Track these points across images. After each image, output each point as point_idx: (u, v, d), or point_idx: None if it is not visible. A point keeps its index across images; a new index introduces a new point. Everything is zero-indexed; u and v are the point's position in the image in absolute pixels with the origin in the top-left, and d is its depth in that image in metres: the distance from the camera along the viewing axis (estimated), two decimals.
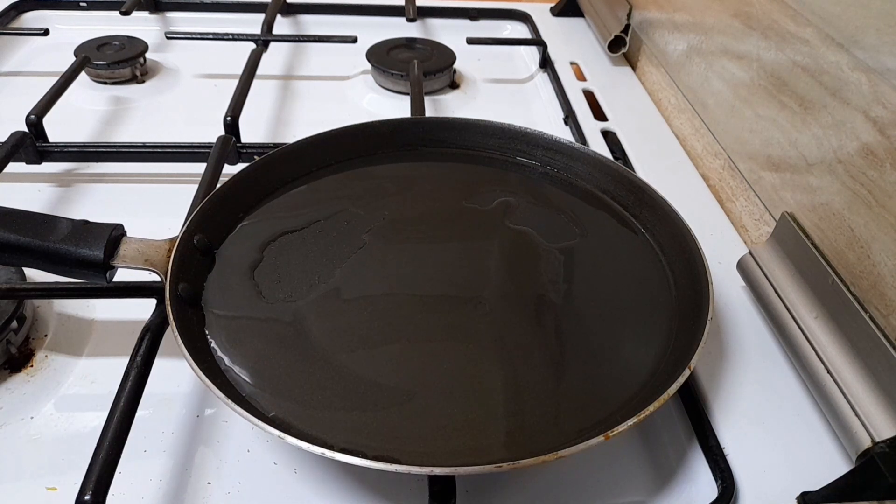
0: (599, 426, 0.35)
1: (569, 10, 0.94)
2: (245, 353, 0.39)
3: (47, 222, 0.40)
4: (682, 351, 0.39)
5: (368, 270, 0.45)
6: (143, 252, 0.41)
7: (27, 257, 0.40)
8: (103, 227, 0.41)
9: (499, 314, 0.43)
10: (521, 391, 0.38)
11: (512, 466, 0.31)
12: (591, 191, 0.54)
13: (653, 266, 0.47)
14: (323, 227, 0.49)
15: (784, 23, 0.52)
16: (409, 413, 0.37)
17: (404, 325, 0.42)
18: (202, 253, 0.44)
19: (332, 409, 0.37)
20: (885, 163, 0.41)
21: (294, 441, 0.32)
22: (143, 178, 0.59)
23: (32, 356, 0.43)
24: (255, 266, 0.45)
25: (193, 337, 0.39)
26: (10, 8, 0.82)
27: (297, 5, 0.89)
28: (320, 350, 0.40)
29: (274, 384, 0.38)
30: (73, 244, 0.39)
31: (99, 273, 0.40)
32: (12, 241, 0.39)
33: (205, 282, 0.43)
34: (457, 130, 0.57)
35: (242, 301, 0.42)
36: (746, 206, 0.57)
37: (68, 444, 0.38)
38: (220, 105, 0.61)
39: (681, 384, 0.35)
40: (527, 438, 0.36)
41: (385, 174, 0.55)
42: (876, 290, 0.41)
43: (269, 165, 0.51)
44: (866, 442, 0.37)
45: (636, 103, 0.76)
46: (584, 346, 0.41)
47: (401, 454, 0.34)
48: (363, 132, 0.56)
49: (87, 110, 0.69)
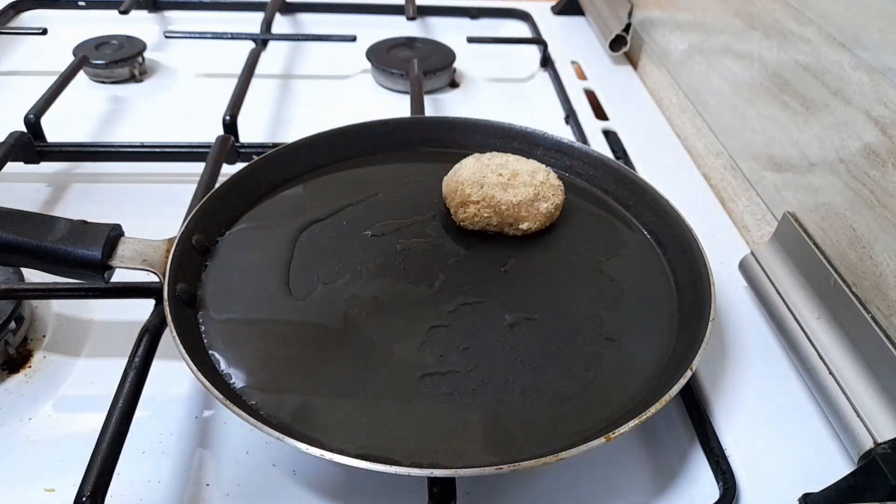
0: (600, 428, 0.35)
1: (569, 8, 0.94)
2: (243, 353, 0.39)
3: (45, 222, 0.40)
4: (684, 352, 0.39)
5: (368, 270, 0.45)
6: (141, 252, 0.41)
7: (25, 257, 0.40)
8: (101, 228, 0.40)
9: (500, 314, 0.42)
10: (522, 392, 0.38)
11: (512, 468, 0.31)
12: (592, 191, 0.53)
13: (654, 267, 0.47)
14: (322, 226, 0.49)
15: (786, 22, 0.52)
16: (409, 415, 0.36)
17: (405, 324, 0.42)
18: (200, 253, 0.44)
19: (332, 410, 0.36)
20: (887, 163, 0.40)
21: (293, 443, 0.32)
22: (141, 178, 0.59)
23: (31, 357, 0.43)
24: (253, 266, 0.45)
25: (191, 337, 0.39)
26: (9, 7, 0.81)
27: (297, 4, 0.89)
28: (320, 351, 0.40)
29: (272, 385, 0.37)
30: (70, 244, 0.39)
31: (97, 273, 0.40)
32: (10, 241, 0.39)
33: (202, 282, 0.43)
34: (458, 130, 0.57)
35: (240, 301, 0.42)
36: (748, 206, 0.57)
37: (67, 445, 0.38)
38: (219, 104, 0.61)
39: (682, 386, 0.35)
40: (528, 440, 0.35)
41: (384, 174, 0.55)
42: (878, 291, 0.40)
43: (267, 166, 0.51)
44: (868, 443, 0.37)
45: (637, 102, 0.76)
46: (584, 347, 0.41)
47: (401, 456, 0.34)
48: (362, 132, 0.56)
49: (85, 110, 0.68)
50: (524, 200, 0.47)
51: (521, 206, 0.47)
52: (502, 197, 0.47)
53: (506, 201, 0.47)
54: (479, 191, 0.47)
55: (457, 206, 0.48)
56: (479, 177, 0.48)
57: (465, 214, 0.48)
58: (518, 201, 0.47)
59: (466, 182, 0.48)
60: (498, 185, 0.47)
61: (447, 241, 0.48)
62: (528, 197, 0.47)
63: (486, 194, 0.47)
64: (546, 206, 0.48)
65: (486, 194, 0.47)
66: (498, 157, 0.50)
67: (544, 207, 0.48)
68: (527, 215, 0.47)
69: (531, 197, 0.47)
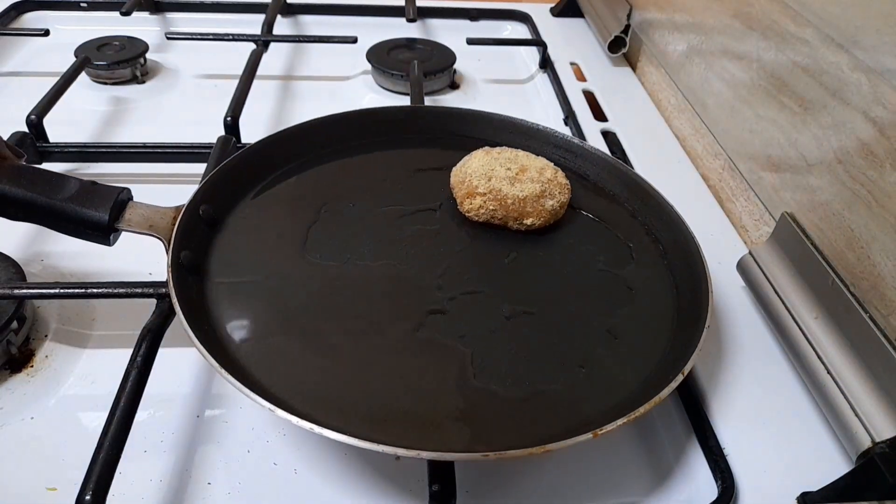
0: (592, 424, 0.35)
1: (569, 10, 0.94)
2: (243, 322, 0.39)
3: (55, 180, 0.40)
4: (679, 354, 0.39)
5: (371, 253, 0.46)
6: (148, 218, 0.41)
7: (33, 214, 0.40)
8: (111, 190, 0.41)
9: (498, 305, 0.43)
10: (515, 383, 0.38)
11: (498, 456, 0.32)
12: (599, 192, 0.54)
13: (655, 269, 0.47)
14: (329, 208, 0.49)
15: (784, 23, 0.52)
16: (405, 404, 0.37)
17: (403, 308, 0.42)
18: (207, 223, 0.45)
19: (325, 388, 0.37)
20: (884, 163, 0.41)
21: (284, 415, 0.32)
22: (143, 179, 0.59)
23: (33, 356, 0.43)
24: (260, 239, 0.45)
25: (192, 303, 0.39)
26: (11, 8, 0.82)
27: (297, 6, 0.89)
28: (317, 329, 0.40)
29: (267, 358, 0.38)
30: (78, 203, 0.39)
31: (103, 235, 0.40)
32: (19, 197, 0.39)
33: (208, 251, 0.44)
34: (471, 122, 0.58)
35: (245, 272, 0.43)
36: (746, 207, 0.57)
37: (68, 444, 0.38)
38: (221, 105, 0.61)
39: (672, 389, 0.35)
40: (519, 431, 0.36)
41: (395, 160, 0.55)
42: (876, 291, 0.41)
43: (279, 142, 0.52)
44: (866, 442, 0.37)
45: (636, 104, 0.76)
46: (580, 343, 0.41)
47: (388, 439, 0.33)
48: (375, 116, 0.57)
49: (87, 111, 0.69)
50: (530, 196, 0.47)
51: (527, 202, 0.47)
52: (509, 191, 0.47)
53: (512, 195, 0.47)
54: (486, 183, 0.48)
55: (463, 197, 0.49)
56: (487, 169, 0.48)
57: (470, 206, 0.48)
58: (524, 196, 0.47)
59: (474, 174, 0.48)
60: (505, 178, 0.48)
61: (452, 231, 0.48)
62: (535, 193, 0.47)
63: (493, 187, 0.48)
64: (552, 203, 0.48)
65: (493, 187, 0.48)
66: (508, 152, 0.50)
67: (550, 204, 0.48)
68: (532, 211, 0.48)
69: (537, 193, 0.48)
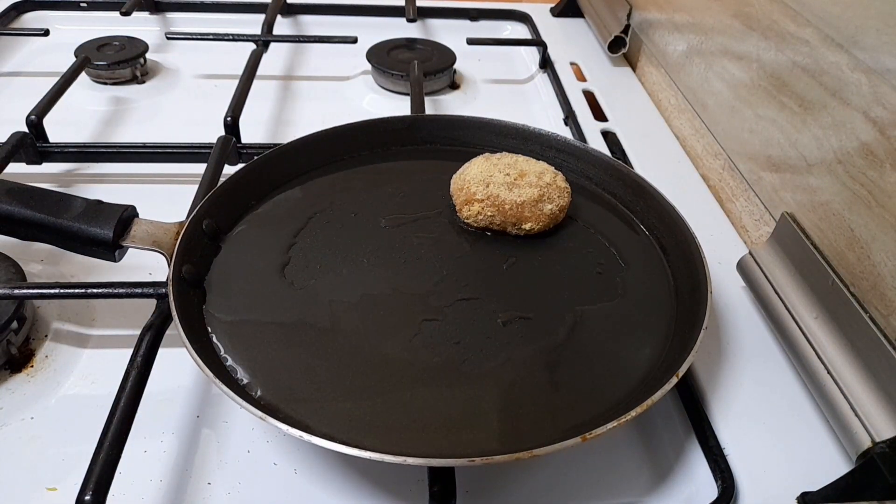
0: (584, 427, 0.34)
1: (569, 10, 0.94)
2: (242, 337, 0.40)
3: (62, 200, 0.42)
4: (676, 356, 0.39)
5: (370, 262, 0.46)
6: (152, 234, 0.42)
7: (40, 233, 0.41)
8: (115, 208, 0.42)
9: (495, 312, 0.43)
10: (510, 388, 0.38)
11: (485, 461, 0.32)
12: (601, 195, 0.54)
13: (655, 271, 0.47)
14: (329, 217, 0.49)
15: (784, 23, 0.52)
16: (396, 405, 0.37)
17: (399, 316, 0.42)
18: (209, 238, 0.45)
19: (320, 395, 0.37)
20: (884, 163, 0.41)
21: (276, 423, 0.32)
22: (143, 179, 0.59)
23: (33, 356, 0.43)
24: (262, 251, 0.46)
25: (191, 316, 0.39)
26: (11, 8, 0.82)
27: (297, 6, 0.89)
28: (314, 338, 0.40)
29: (269, 369, 0.38)
30: (84, 223, 0.41)
31: (108, 251, 0.41)
32: (27, 217, 0.41)
33: (210, 266, 0.44)
34: (472, 129, 0.58)
35: (246, 287, 0.43)
36: (746, 207, 0.57)
37: (69, 444, 0.38)
38: (221, 105, 0.61)
39: (665, 392, 0.35)
40: (512, 436, 0.36)
41: (397, 169, 0.55)
42: (876, 291, 0.41)
43: (282, 157, 0.52)
44: (866, 442, 0.37)
45: (636, 104, 0.76)
46: (576, 348, 0.41)
47: (383, 445, 0.34)
48: (377, 127, 0.57)
49: (87, 111, 0.69)
50: (528, 201, 0.47)
51: (525, 207, 0.47)
52: (507, 196, 0.47)
53: (510, 201, 0.47)
54: (483, 189, 0.48)
55: (462, 204, 0.49)
56: (485, 175, 0.48)
57: (469, 212, 0.48)
58: (522, 201, 0.47)
59: (472, 180, 0.48)
60: (504, 184, 0.48)
61: (450, 238, 0.48)
62: (533, 197, 0.47)
63: (491, 193, 0.47)
64: (550, 207, 0.48)
65: (491, 193, 0.47)
66: (507, 158, 0.50)
67: (548, 209, 0.48)
68: (530, 216, 0.48)
69: (536, 198, 0.47)
